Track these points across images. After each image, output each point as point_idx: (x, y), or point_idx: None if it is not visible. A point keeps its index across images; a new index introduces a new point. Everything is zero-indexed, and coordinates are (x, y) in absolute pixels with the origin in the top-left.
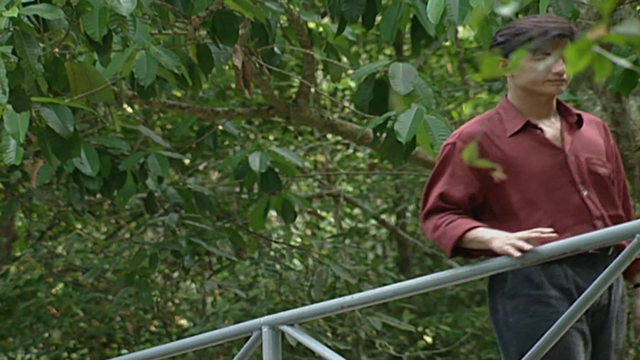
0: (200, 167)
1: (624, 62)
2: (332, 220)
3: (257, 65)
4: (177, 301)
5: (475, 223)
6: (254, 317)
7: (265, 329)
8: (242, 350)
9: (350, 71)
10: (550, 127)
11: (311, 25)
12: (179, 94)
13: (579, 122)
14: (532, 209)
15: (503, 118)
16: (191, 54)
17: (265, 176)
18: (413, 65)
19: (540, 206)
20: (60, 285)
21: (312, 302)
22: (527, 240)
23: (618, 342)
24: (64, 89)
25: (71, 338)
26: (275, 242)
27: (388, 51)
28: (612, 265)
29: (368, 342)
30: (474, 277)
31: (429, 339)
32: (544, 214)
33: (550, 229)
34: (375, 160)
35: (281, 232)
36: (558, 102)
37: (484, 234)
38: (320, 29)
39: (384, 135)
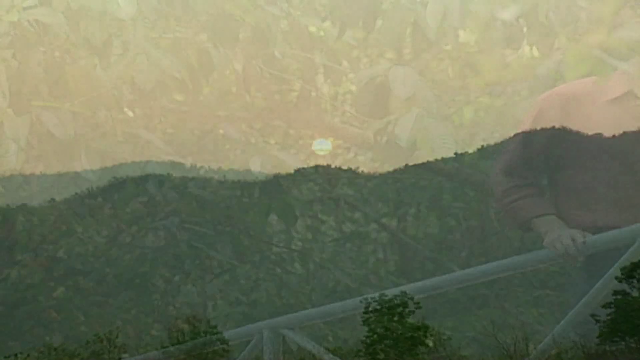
0: (201, 171)
1: (624, 66)
2: (333, 223)
3: (258, 69)
4: (177, 305)
5: (543, 210)
6: (255, 320)
7: (266, 333)
8: (243, 353)
9: (351, 75)
10: None
11: (312, 29)
12: (179, 97)
13: None
14: (596, 182)
15: (612, 81)
16: (192, 58)
17: (266, 180)
18: (414, 69)
19: (608, 180)
20: (61, 289)
21: (313, 306)
22: (574, 239)
23: None
24: (64, 93)
25: (72, 341)
26: (276, 245)
27: (389, 55)
28: (611, 271)
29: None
30: (477, 279)
31: (430, 343)
32: (609, 188)
33: (584, 240)
34: (376, 164)
35: (282, 236)
36: None
37: (544, 225)
38: (321, 33)
39: (385, 138)
